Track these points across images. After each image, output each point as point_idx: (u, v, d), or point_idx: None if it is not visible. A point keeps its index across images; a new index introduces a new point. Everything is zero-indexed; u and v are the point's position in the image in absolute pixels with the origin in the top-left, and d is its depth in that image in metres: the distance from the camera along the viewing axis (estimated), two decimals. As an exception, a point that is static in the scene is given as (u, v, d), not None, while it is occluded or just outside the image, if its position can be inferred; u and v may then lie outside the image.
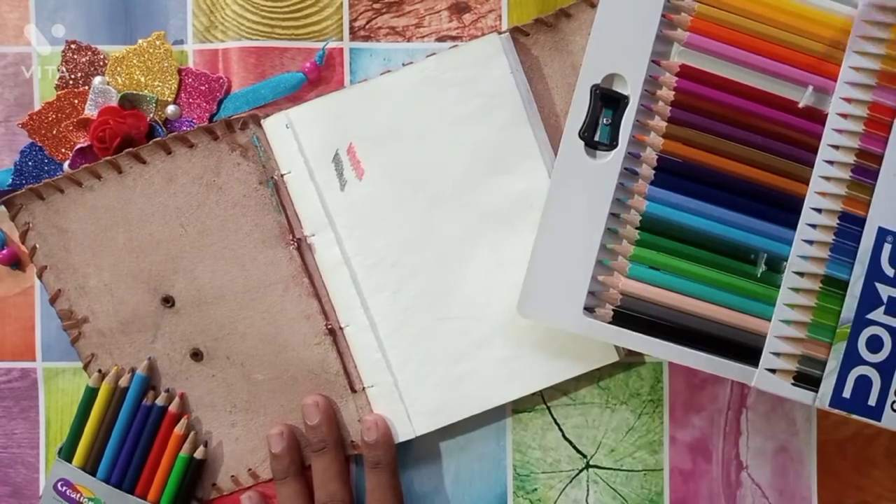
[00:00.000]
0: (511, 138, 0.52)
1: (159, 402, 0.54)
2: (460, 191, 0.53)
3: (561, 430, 0.55)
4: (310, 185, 0.53)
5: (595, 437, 0.55)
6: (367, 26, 0.55)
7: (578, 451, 0.55)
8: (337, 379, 0.54)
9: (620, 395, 0.55)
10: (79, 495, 0.54)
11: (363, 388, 0.54)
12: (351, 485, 0.54)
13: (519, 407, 0.55)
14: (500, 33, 0.52)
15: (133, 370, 0.54)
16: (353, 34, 0.55)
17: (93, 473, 0.54)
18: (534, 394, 0.54)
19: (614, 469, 0.55)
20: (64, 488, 0.54)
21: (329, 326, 0.53)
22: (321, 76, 0.54)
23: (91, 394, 0.54)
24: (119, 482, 0.54)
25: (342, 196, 0.53)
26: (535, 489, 0.55)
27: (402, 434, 0.54)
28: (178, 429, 0.54)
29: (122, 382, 0.54)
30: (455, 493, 0.55)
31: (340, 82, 0.55)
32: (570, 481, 0.55)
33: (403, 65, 0.53)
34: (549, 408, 0.55)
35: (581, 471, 0.55)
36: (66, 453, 0.54)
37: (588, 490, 0.55)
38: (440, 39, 0.54)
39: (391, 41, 0.55)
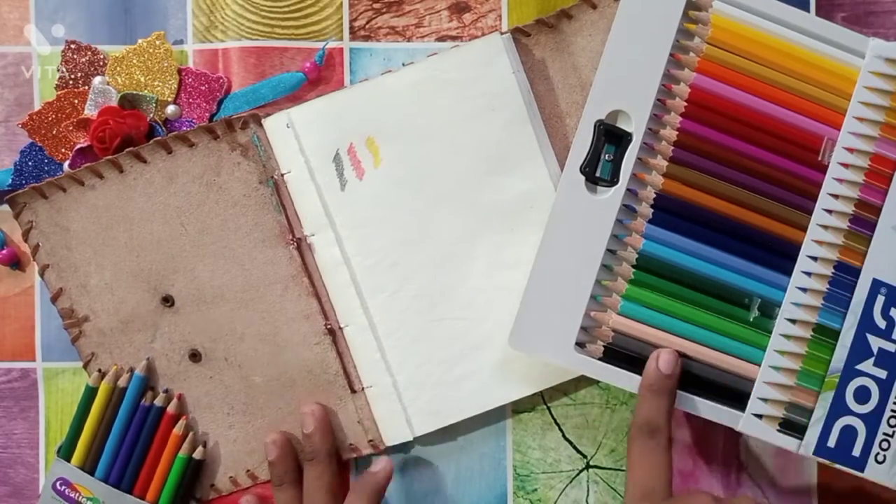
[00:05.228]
0: (512, 139, 0.52)
1: (157, 402, 0.54)
2: (461, 191, 0.53)
3: (561, 430, 0.55)
4: (310, 184, 0.53)
5: (595, 437, 0.55)
6: (367, 26, 0.55)
7: (578, 452, 0.55)
8: (336, 379, 0.54)
9: (621, 395, 0.55)
10: (77, 494, 0.53)
11: (362, 389, 0.54)
12: (343, 494, 0.53)
13: (519, 407, 0.55)
14: (501, 33, 0.52)
15: (132, 370, 0.54)
16: (353, 34, 0.55)
17: (92, 473, 0.54)
18: (534, 394, 0.54)
19: (614, 469, 0.55)
20: (63, 487, 0.54)
21: (328, 326, 0.53)
22: (321, 76, 0.54)
23: (91, 393, 0.54)
24: (118, 482, 0.54)
25: (342, 196, 0.53)
26: (536, 489, 0.55)
27: (401, 435, 0.54)
28: (177, 429, 0.54)
29: (122, 382, 0.54)
30: (455, 493, 0.55)
31: (340, 82, 0.55)
32: (571, 481, 0.55)
33: (404, 65, 0.53)
34: (549, 408, 0.55)
35: (581, 471, 0.55)
36: (66, 452, 0.54)
37: (588, 490, 0.55)
38: (440, 39, 0.54)
39: (391, 41, 0.55)
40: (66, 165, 0.54)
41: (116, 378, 0.54)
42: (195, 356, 0.54)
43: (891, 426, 0.50)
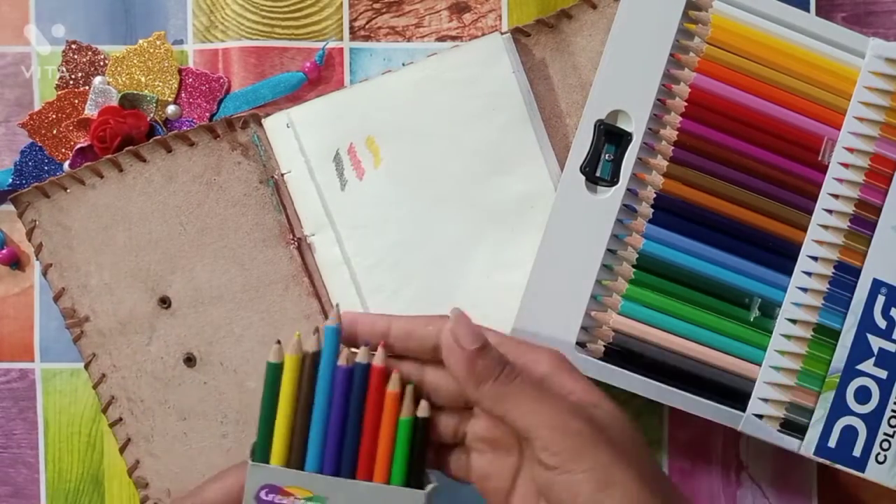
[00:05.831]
0: (512, 139, 0.52)
1: (360, 359, 0.44)
2: (461, 191, 0.53)
3: (561, 430, 0.55)
4: (310, 184, 0.53)
5: (595, 437, 0.55)
6: (367, 26, 0.55)
7: (579, 452, 0.55)
8: (336, 380, 0.54)
9: (621, 396, 0.55)
10: (291, 499, 0.44)
11: (363, 389, 0.54)
12: None
13: (519, 407, 0.55)
14: (501, 33, 0.52)
15: (317, 329, 0.45)
16: (353, 34, 0.55)
17: (301, 468, 0.44)
18: (534, 394, 0.54)
19: (614, 469, 0.55)
20: (271, 496, 0.44)
21: (329, 326, 0.53)
22: (321, 76, 0.55)
23: (275, 371, 0.44)
24: (335, 469, 0.44)
25: (342, 196, 0.53)
26: (536, 489, 0.55)
27: (402, 435, 0.54)
28: (391, 386, 0.44)
29: (310, 347, 0.44)
30: (455, 493, 0.55)
31: (340, 82, 0.55)
32: (571, 482, 0.55)
33: (404, 64, 0.53)
34: (549, 408, 0.55)
35: (581, 471, 0.55)
36: (262, 454, 0.44)
37: (588, 490, 0.55)
38: (440, 39, 0.55)
39: (391, 41, 0.55)
40: (66, 165, 0.54)
41: (300, 345, 0.45)
42: (190, 360, 0.54)
43: (891, 426, 0.50)
